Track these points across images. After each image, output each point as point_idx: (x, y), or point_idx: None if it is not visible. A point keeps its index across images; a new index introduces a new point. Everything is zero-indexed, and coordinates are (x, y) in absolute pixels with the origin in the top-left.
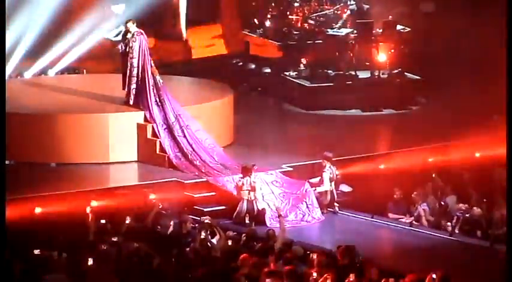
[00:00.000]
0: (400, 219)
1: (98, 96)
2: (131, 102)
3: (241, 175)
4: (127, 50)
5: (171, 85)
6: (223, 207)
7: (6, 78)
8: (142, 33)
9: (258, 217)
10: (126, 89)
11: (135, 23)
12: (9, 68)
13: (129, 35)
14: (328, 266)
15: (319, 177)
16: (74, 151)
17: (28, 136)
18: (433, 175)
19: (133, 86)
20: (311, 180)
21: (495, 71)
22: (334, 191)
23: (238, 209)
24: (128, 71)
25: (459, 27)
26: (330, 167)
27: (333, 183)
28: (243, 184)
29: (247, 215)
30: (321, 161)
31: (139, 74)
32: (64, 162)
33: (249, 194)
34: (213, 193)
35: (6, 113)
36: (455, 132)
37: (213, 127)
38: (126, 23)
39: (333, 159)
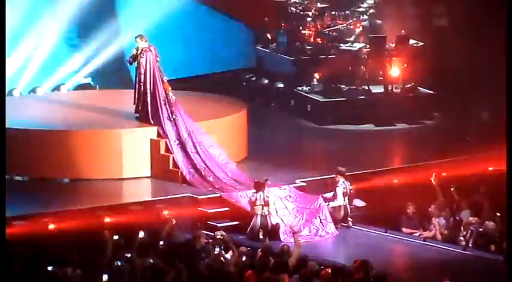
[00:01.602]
0: (413, 234)
1: (111, 111)
2: (140, 118)
3: (254, 190)
4: (136, 65)
5: (184, 100)
6: (236, 223)
7: (19, 94)
8: (150, 50)
9: (272, 232)
10: (135, 105)
11: (143, 39)
12: (22, 85)
13: (137, 51)
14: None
15: (333, 192)
16: (87, 167)
17: (41, 152)
18: (452, 189)
19: (143, 101)
20: (325, 195)
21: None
22: (348, 206)
23: (252, 224)
24: (137, 87)
25: (472, 42)
26: (343, 182)
27: (346, 197)
28: (256, 199)
29: (260, 230)
30: (334, 176)
31: (150, 89)
32: (77, 178)
33: (262, 209)
34: (227, 208)
35: (19, 129)
36: (468, 147)
37: (226, 142)
38: (135, 38)
39: (346, 174)
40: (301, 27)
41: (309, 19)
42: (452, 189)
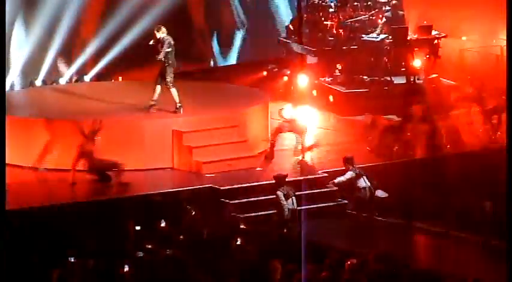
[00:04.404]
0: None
1: (134, 102)
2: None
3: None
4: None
5: (207, 92)
6: (259, 214)
7: (40, 84)
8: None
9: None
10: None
11: (160, 30)
12: (43, 74)
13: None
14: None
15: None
16: (109, 158)
17: (61, 143)
18: None
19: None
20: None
21: None
22: (372, 188)
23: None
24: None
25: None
26: (353, 170)
27: (362, 179)
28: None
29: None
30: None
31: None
32: None
33: (287, 201)
34: (249, 199)
35: (41, 120)
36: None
37: (249, 133)
38: (154, 29)
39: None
40: (323, 18)
41: (331, 10)
42: None
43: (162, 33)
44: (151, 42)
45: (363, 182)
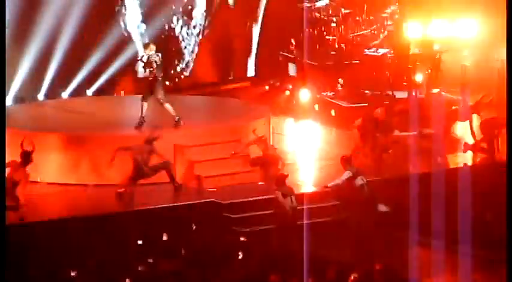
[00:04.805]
0: None
1: (135, 117)
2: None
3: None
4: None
5: (209, 106)
6: (262, 228)
7: (43, 98)
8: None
9: None
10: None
11: (148, 47)
12: (44, 89)
13: (144, 58)
14: None
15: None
16: (111, 171)
17: (64, 158)
18: None
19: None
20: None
21: None
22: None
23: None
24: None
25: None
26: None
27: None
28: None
29: None
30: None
31: None
32: (101, 184)
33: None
34: (251, 213)
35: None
36: None
37: (251, 147)
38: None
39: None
40: (325, 33)
41: (333, 24)
42: None
43: (150, 51)
44: (139, 58)
45: (360, 180)
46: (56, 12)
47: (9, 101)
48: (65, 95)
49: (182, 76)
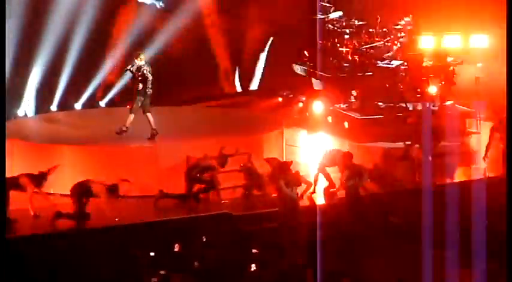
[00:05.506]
0: None
1: (145, 128)
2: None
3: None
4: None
5: (221, 118)
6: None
7: (55, 109)
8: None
9: None
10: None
11: (138, 57)
12: (57, 100)
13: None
14: None
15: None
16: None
17: (75, 168)
18: None
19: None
20: None
21: None
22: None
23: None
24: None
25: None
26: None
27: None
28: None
29: None
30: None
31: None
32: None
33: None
34: (264, 225)
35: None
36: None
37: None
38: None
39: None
40: (338, 45)
41: (346, 36)
42: None
43: (141, 61)
44: (129, 68)
45: (352, 180)
46: (67, 23)
47: (22, 112)
48: (77, 106)
49: None
